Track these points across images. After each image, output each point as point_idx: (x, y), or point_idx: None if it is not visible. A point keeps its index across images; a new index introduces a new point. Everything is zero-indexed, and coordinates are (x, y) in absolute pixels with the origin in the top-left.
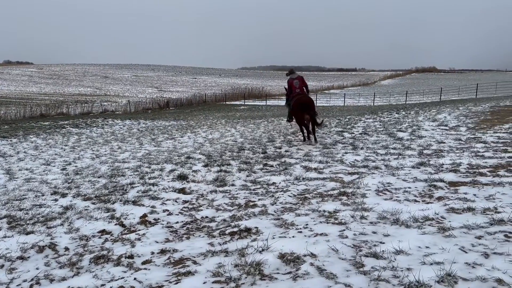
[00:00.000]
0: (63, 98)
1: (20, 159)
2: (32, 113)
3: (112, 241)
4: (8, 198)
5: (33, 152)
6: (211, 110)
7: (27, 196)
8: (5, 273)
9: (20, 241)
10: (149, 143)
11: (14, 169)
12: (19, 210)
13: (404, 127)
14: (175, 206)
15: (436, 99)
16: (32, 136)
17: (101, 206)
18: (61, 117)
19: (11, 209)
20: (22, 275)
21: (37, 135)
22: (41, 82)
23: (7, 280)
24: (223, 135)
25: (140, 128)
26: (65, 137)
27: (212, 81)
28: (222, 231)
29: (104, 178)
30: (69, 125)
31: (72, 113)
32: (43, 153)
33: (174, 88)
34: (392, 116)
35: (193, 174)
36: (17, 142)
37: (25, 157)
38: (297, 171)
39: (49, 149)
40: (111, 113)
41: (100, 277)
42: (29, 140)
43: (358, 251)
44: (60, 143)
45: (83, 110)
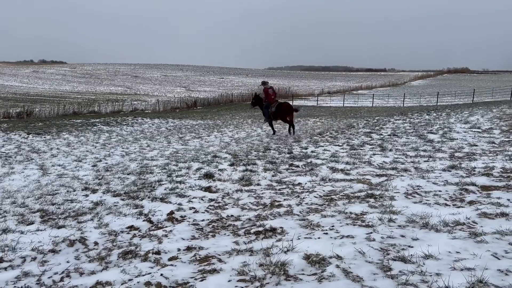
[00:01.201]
0: (95, 96)
1: (53, 155)
2: (65, 111)
3: (140, 237)
4: (41, 192)
5: (65, 149)
6: (238, 109)
7: (59, 191)
8: (37, 265)
9: (52, 234)
10: (176, 141)
11: (47, 165)
12: (52, 204)
13: (435, 129)
14: (201, 204)
15: (469, 100)
16: (64, 133)
17: (130, 203)
18: (93, 115)
19: (44, 204)
20: (54, 267)
21: (69, 133)
22: (74, 81)
23: (39, 272)
24: (249, 135)
25: (168, 126)
26: (96, 135)
27: (239, 81)
28: (247, 230)
29: (133, 175)
30: (100, 123)
31: (103, 111)
32: (75, 150)
33: (201, 87)
34: (423, 118)
35: (219, 173)
36: (51, 139)
37: (58, 154)
38: (323, 172)
39: (81, 146)
40: (140, 111)
41: (127, 272)
42: (62, 137)
43: (385, 254)
44: (92, 140)
45: (114, 108)
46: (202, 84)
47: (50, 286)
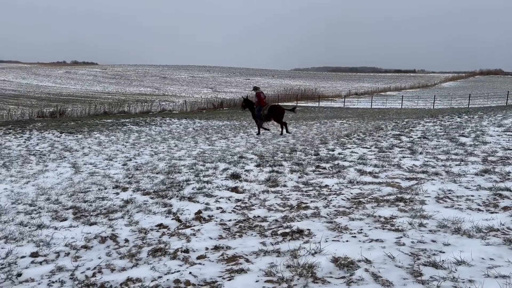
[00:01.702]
0: (125, 97)
1: (85, 154)
2: (96, 111)
3: (169, 235)
4: (73, 190)
5: (96, 148)
6: None
7: (91, 189)
8: (71, 260)
9: (84, 231)
10: (203, 142)
11: (80, 163)
12: (84, 202)
13: (467, 132)
14: (228, 204)
15: (502, 103)
16: (96, 133)
17: (159, 201)
18: (123, 115)
19: (77, 201)
20: (86, 263)
21: (100, 132)
22: (104, 82)
23: (72, 267)
24: (275, 136)
25: (196, 127)
26: (126, 134)
27: (265, 82)
28: (274, 231)
29: (162, 174)
30: (130, 123)
31: (133, 111)
32: (106, 149)
33: (228, 88)
34: (454, 120)
35: (245, 173)
36: (82, 138)
37: (90, 152)
38: (351, 174)
39: (112, 145)
40: (168, 112)
41: (157, 269)
42: (93, 136)
43: (416, 259)
44: (122, 139)
45: (143, 109)
46: (229, 85)
47: (82, 281)
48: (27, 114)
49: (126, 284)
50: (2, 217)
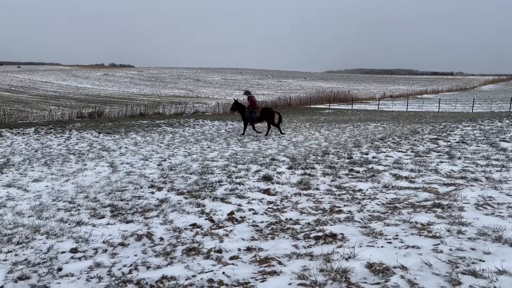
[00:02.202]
0: (160, 99)
1: (122, 154)
2: (132, 112)
3: (202, 235)
4: (111, 189)
5: (133, 148)
6: (295, 113)
7: (128, 188)
8: (108, 257)
9: (121, 229)
10: (235, 143)
11: (117, 163)
12: (121, 200)
13: (508, 137)
14: (260, 206)
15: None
16: (132, 133)
17: (193, 201)
18: (158, 116)
19: (114, 199)
20: (123, 260)
21: (136, 133)
22: (140, 84)
23: (109, 264)
24: (307, 138)
25: (228, 129)
26: (161, 135)
27: (297, 84)
28: (307, 234)
29: (195, 175)
30: (164, 124)
31: (167, 113)
32: (142, 149)
33: (259, 91)
34: (494, 125)
35: (277, 175)
36: (120, 138)
37: (126, 152)
38: (385, 178)
39: (147, 146)
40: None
41: (191, 268)
42: (129, 137)
43: (454, 267)
44: (157, 140)
45: (177, 110)
46: (260, 87)
47: (119, 277)
48: (67, 114)
49: (161, 282)
50: (44, 213)
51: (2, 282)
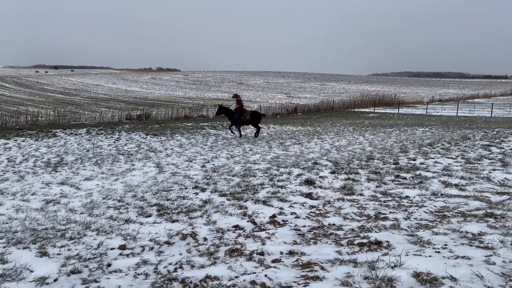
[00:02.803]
0: (204, 102)
1: (167, 155)
2: (177, 114)
3: (244, 236)
4: (157, 188)
5: (178, 149)
6: (339, 117)
7: (173, 188)
8: (154, 255)
9: (167, 227)
10: (277, 147)
11: (163, 164)
12: (167, 200)
13: None
14: (302, 210)
15: None
16: (177, 135)
17: (235, 203)
18: (202, 119)
19: (160, 199)
20: (168, 258)
21: (181, 135)
22: (186, 87)
23: (155, 261)
24: (351, 143)
25: (269, 132)
26: (205, 137)
27: (340, 87)
28: (350, 241)
29: (238, 177)
30: (208, 127)
31: (211, 116)
32: (187, 151)
33: (302, 94)
34: None
35: (320, 180)
36: (166, 140)
37: (172, 153)
38: (434, 186)
39: (191, 147)
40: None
41: (234, 269)
42: (175, 139)
43: (508, 280)
44: (201, 142)
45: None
46: (303, 90)
47: (165, 275)
48: (117, 116)
49: (205, 281)
50: (95, 210)
51: (56, 275)
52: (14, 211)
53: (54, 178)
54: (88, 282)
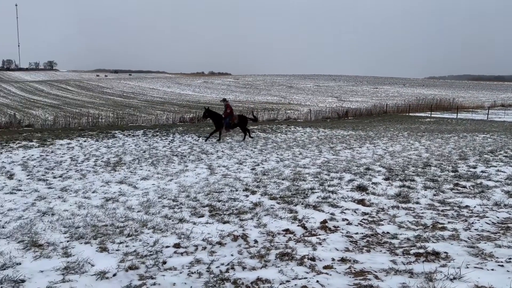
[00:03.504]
0: (253, 105)
1: (218, 157)
2: None
3: (295, 241)
4: (209, 190)
5: (228, 152)
6: (392, 121)
7: (224, 190)
8: (207, 254)
9: (218, 228)
10: (327, 151)
11: (214, 165)
12: (218, 201)
13: None
14: (354, 217)
15: None
16: (228, 138)
17: (285, 207)
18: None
19: (212, 200)
20: (220, 258)
21: (232, 137)
22: (236, 91)
23: (208, 261)
24: (405, 149)
25: (320, 136)
26: (254, 141)
27: (394, 91)
28: (406, 250)
29: (287, 180)
30: (258, 130)
31: (260, 119)
32: (237, 153)
33: (353, 98)
34: None
35: (373, 186)
36: (216, 142)
37: (223, 156)
38: (497, 195)
39: (242, 150)
40: (293, 120)
41: (285, 273)
42: (225, 141)
43: None
44: (250, 145)
45: (269, 116)
46: (354, 94)
47: (217, 275)
48: (171, 119)
49: (256, 284)
50: (151, 209)
51: (115, 270)
52: (77, 207)
53: (113, 177)
54: (145, 278)
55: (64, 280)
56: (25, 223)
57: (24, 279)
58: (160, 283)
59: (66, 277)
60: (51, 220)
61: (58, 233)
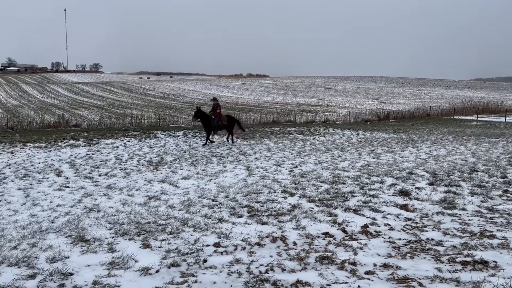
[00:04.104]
0: (291, 107)
1: (256, 159)
2: (266, 119)
3: (335, 244)
4: (248, 190)
5: (266, 153)
6: (436, 124)
7: (262, 191)
8: (246, 255)
9: (257, 229)
10: (368, 154)
11: (252, 167)
12: (256, 202)
13: None
14: (397, 222)
15: None
16: (265, 140)
17: (324, 210)
18: (289, 124)
19: (250, 200)
20: (259, 259)
21: (269, 139)
22: (274, 93)
23: (248, 261)
24: (450, 153)
25: (359, 138)
26: (292, 142)
27: (438, 93)
28: (452, 258)
29: (326, 183)
30: (295, 132)
31: (298, 121)
32: (274, 155)
33: (395, 100)
34: None
35: (416, 191)
36: (254, 143)
37: (261, 157)
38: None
39: (279, 152)
40: (331, 122)
41: (325, 277)
42: (263, 143)
43: None
44: (288, 147)
45: (307, 118)
46: (396, 96)
47: (257, 275)
48: None
49: (296, 286)
50: (191, 208)
51: (158, 266)
52: (121, 204)
53: (155, 176)
54: (187, 275)
55: (109, 274)
56: (72, 219)
57: (72, 272)
58: (201, 281)
59: (111, 272)
60: (97, 216)
61: (103, 229)
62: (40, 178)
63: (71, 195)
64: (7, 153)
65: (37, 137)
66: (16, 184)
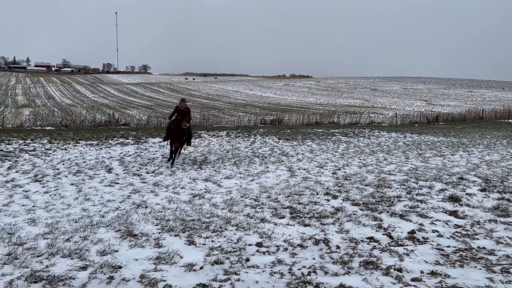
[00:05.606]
0: (335, 108)
1: (299, 160)
2: (309, 120)
3: (380, 250)
4: (290, 192)
5: (309, 155)
6: (489, 128)
7: (304, 193)
8: (289, 256)
9: (299, 231)
10: (415, 157)
11: (294, 168)
12: (298, 203)
13: None
14: (446, 229)
15: None
16: (308, 141)
17: (368, 214)
18: (332, 125)
19: (292, 202)
20: (302, 261)
21: (312, 140)
22: (317, 94)
23: (290, 262)
24: (505, 158)
25: (406, 141)
26: (335, 144)
27: (492, 95)
28: (505, 268)
29: (371, 187)
30: (339, 134)
31: (342, 122)
32: (317, 157)
33: (445, 101)
34: None
35: (467, 197)
36: (297, 144)
37: (303, 159)
38: None
39: (322, 154)
40: (377, 124)
41: (369, 282)
42: (306, 144)
43: None
44: (331, 149)
45: (351, 120)
46: (446, 98)
47: (299, 277)
48: (252, 120)
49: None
50: (234, 207)
51: (202, 263)
52: (167, 201)
53: (199, 175)
54: (229, 273)
55: (156, 269)
56: (121, 214)
57: (121, 265)
58: (244, 280)
59: (158, 267)
60: (144, 212)
61: (150, 225)
62: (92, 174)
63: (120, 191)
64: (61, 150)
65: (89, 135)
66: (69, 179)
